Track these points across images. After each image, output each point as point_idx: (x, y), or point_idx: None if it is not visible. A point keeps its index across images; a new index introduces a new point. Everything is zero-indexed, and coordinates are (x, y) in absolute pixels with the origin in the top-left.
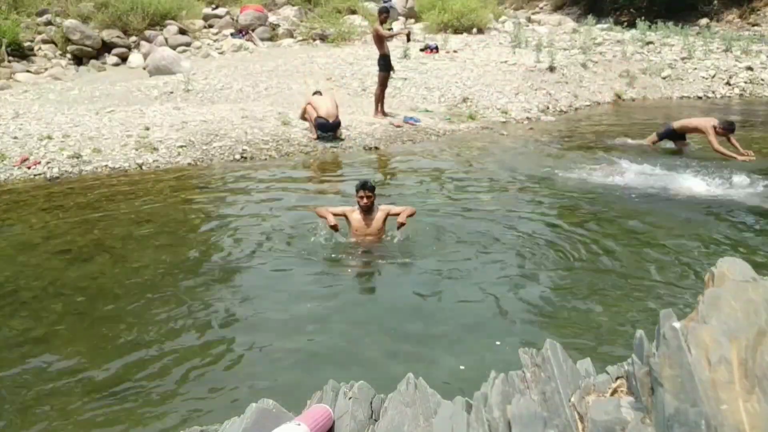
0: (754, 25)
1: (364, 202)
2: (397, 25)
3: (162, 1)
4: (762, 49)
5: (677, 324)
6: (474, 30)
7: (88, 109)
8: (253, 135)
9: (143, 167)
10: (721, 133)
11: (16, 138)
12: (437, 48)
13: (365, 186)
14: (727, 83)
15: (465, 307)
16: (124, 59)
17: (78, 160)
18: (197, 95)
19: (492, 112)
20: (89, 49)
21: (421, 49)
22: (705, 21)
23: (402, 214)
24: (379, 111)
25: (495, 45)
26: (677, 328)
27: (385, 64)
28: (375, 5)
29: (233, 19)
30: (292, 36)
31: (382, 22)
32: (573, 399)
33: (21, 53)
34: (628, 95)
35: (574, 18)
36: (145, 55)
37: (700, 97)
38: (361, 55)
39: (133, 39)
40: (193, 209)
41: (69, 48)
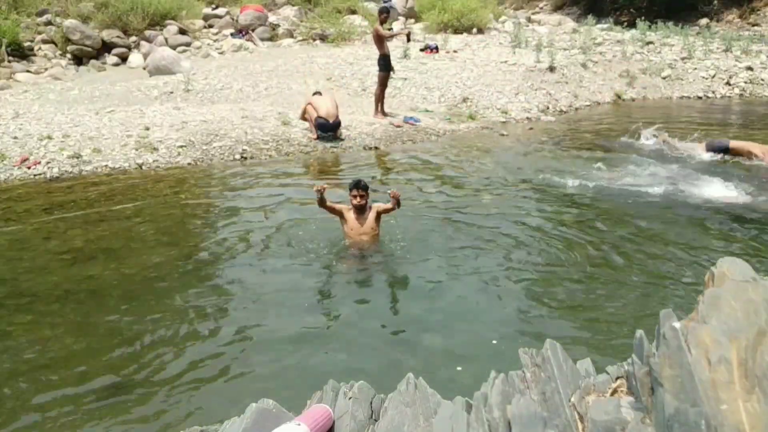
0: (754, 25)
1: (357, 201)
2: (397, 25)
3: (162, 1)
4: (762, 49)
5: (677, 324)
6: (474, 30)
7: (88, 109)
8: (253, 135)
9: (143, 167)
10: None
11: (16, 138)
12: (437, 48)
13: (358, 185)
14: (727, 83)
15: (464, 307)
16: (124, 59)
17: (78, 160)
18: (197, 95)
19: (492, 112)
20: (89, 49)
21: (421, 49)
22: (705, 21)
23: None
24: (379, 111)
25: (495, 45)
26: (677, 328)
27: (385, 64)
28: (375, 5)
29: (233, 19)
30: (292, 36)
31: (382, 22)
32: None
33: (21, 53)
34: (628, 95)
35: (574, 18)
36: (145, 55)
37: (700, 97)
38: (361, 55)
39: (133, 39)
40: (193, 209)
41: (69, 48)
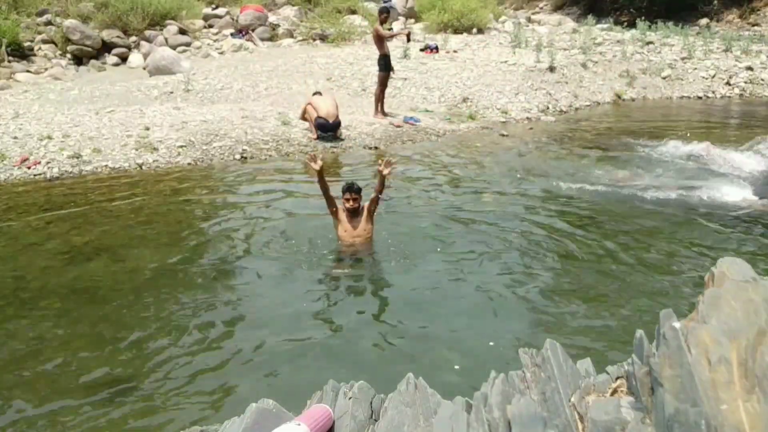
0: (754, 25)
1: (350, 204)
2: (397, 25)
3: (162, 1)
4: (762, 49)
5: (677, 324)
6: (474, 30)
7: (88, 109)
8: (253, 135)
9: (143, 167)
10: None
11: (16, 138)
12: (437, 48)
13: (351, 188)
14: (727, 83)
15: (464, 307)
16: (124, 59)
17: (78, 160)
18: (197, 95)
19: (492, 112)
20: (89, 49)
21: (421, 49)
22: (705, 21)
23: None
24: (379, 111)
25: (495, 45)
26: (677, 328)
27: (385, 64)
28: (375, 5)
29: (233, 19)
30: (292, 36)
31: (382, 22)
32: (573, 399)
33: (21, 53)
34: (628, 95)
35: (574, 18)
36: (145, 55)
37: (700, 97)
38: (361, 55)
39: (133, 39)
40: (193, 209)
41: (69, 48)
